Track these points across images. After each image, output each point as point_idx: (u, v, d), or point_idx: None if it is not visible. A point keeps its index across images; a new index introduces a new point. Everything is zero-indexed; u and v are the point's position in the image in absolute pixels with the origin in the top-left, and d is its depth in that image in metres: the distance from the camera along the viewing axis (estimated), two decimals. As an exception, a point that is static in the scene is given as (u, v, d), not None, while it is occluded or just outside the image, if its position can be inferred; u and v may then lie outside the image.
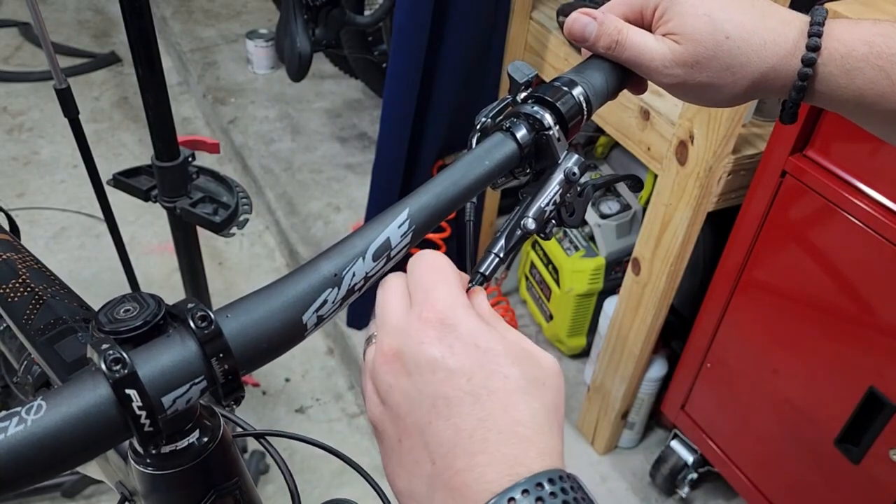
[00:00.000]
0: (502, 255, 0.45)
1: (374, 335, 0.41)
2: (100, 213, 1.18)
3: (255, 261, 2.18)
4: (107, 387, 0.32)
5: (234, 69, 2.80)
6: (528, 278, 1.86)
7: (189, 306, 0.35)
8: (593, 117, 0.55)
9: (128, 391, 0.32)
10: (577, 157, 0.47)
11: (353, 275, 0.39)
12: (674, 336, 1.54)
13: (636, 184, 0.60)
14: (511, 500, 0.32)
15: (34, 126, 2.60)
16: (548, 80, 0.51)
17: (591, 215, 1.64)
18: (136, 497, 0.45)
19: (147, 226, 2.22)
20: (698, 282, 1.41)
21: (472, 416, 0.34)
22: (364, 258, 0.39)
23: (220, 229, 1.15)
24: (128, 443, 0.42)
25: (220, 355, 0.34)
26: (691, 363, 1.42)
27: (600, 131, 1.75)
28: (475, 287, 0.42)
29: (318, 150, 2.44)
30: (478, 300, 0.41)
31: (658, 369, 1.53)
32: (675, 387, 1.49)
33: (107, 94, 2.78)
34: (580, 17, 0.53)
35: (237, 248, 2.21)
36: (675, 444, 1.52)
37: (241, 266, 2.16)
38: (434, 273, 0.39)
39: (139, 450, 0.40)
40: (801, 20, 0.50)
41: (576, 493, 0.32)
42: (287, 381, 1.84)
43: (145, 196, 1.18)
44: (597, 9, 0.54)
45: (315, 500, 1.55)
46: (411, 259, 0.41)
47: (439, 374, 0.35)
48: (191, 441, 0.41)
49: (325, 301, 0.38)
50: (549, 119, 0.47)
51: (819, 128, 1.08)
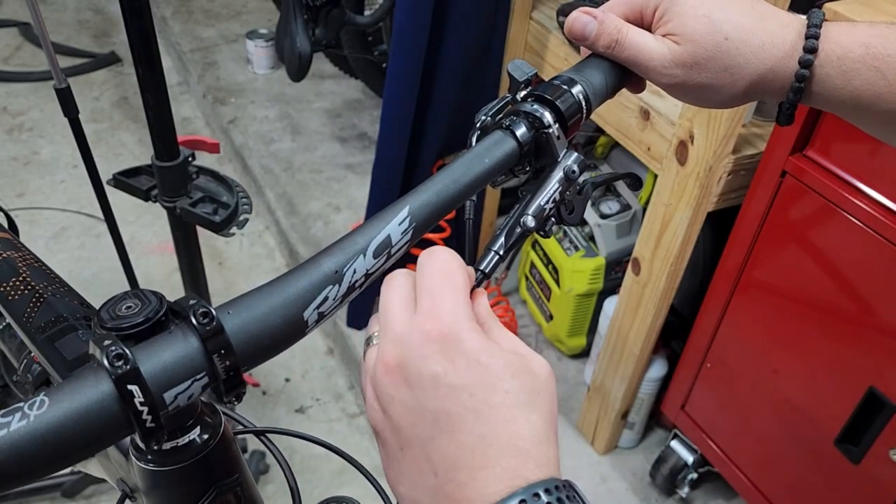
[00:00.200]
0: (502, 252, 0.45)
1: (375, 335, 0.40)
2: (100, 213, 1.18)
3: (255, 261, 2.18)
4: (109, 382, 0.32)
5: (234, 69, 2.80)
6: (528, 278, 1.86)
7: (191, 303, 0.35)
8: (593, 117, 0.55)
9: (130, 387, 0.32)
10: (576, 155, 0.48)
11: (354, 272, 0.39)
12: (674, 336, 1.54)
13: (635, 182, 0.60)
14: None
15: (34, 126, 2.60)
16: (547, 79, 0.52)
17: (591, 215, 1.64)
18: (136, 494, 0.45)
19: (147, 226, 2.22)
20: (698, 282, 1.41)
21: (473, 432, 0.35)
22: (365, 255, 0.39)
23: (220, 229, 1.15)
24: (129, 439, 0.42)
25: (222, 351, 0.34)
26: (691, 363, 1.42)
27: (600, 131, 1.75)
28: (477, 290, 0.42)
29: (318, 150, 2.44)
30: (478, 301, 0.41)
31: (658, 369, 1.53)
32: (675, 387, 1.49)
33: (107, 94, 2.79)
34: (580, 16, 0.54)
35: (237, 248, 2.21)
36: (675, 444, 1.52)
37: (241, 266, 2.16)
38: (442, 278, 0.39)
39: (141, 446, 0.40)
40: (798, 22, 0.51)
41: (572, 501, 0.34)
42: (287, 381, 1.84)
43: (145, 196, 1.18)
44: (597, 8, 0.54)
45: (315, 499, 1.55)
46: (422, 256, 0.40)
47: (441, 390, 0.35)
48: (192, 437, 0.41)
49: (325, 298, 0.38)
50: (548, 117, 0.47)
51: (819, 128, 1.08)
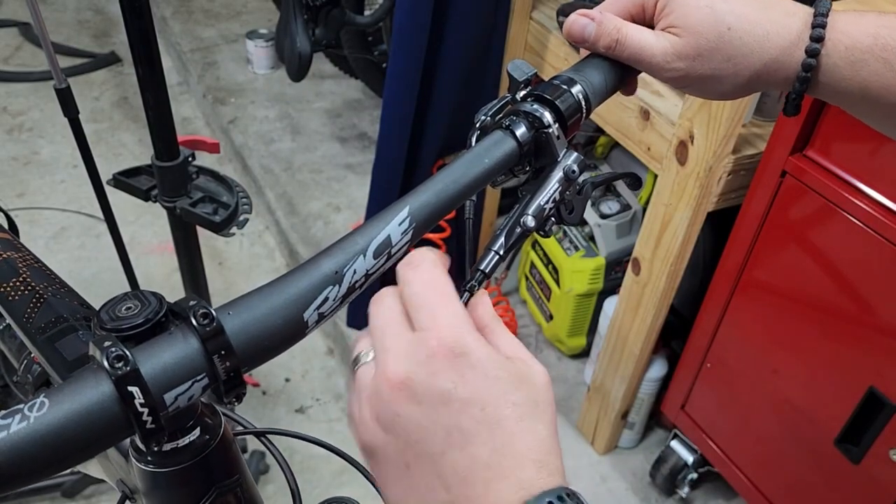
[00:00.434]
0: (502, 252, 0.45)
1: (364, 354, 0.40)
2: (100, 213, 1.18)
3: (255, 261, 2.18)
4: (109, 384, 0.32)
5: (234, 69, 2.80)
6: (528, 278, 1.86)
7: (191, 304, 0.35)
8: (593, 117, 0.55)
9: (130, 388, 0.32)
10: (576, 154, 0.48)
11: (354, 272, 0.39)
12: (674, 336, 1.54)
13: (635, 182, 0.60)
14: None
15: (34, 126, 2.60)
16: (547, 79, 0.52)
17: (591, 215, 1.64)
18: (136, 495, 0.45)
19: (147, 226, 2.22)
20: (698, 282, 1.41)
21: (487, 445, 0.35)
22: (365, 256, 0.39)
23: (220, 229, 1.15)
24: (129, 440, 0.42)
25: (222, 352, 0.34)
26: (691, 363, 1.42)
27: (600, 131, 1.75)
28: (479, 291, 0.42)
29: (318, 150, 2.44)
30: (481, 303, 0.41)
31: (658, 369, 1.53)
32: (675, 387, 1.49)
33: (107, 94, 2.78)
34: (579, 19, 0.53)
35: (237, 248, 2.21)
36: (675, 444, 1.52)
37: (241, 266, 2.16)
38: (432, 291, 0.38)
39: (141, 447, 0.40)
40: (805, 11, 0.50)
41: None
42: (287, 381, 1.84)
43: (145, 196, 1.18)
44: (594, 9, 0.54)
45: (315, 499, 1.55)
46: (401, 270, 0.39)
47: (453, 406, 0.35)
48: (192, 439, 0.41)
49: (325, 298, 0.38)
50: (548, 117, 0.47)
51: (819, 128, 1.08)
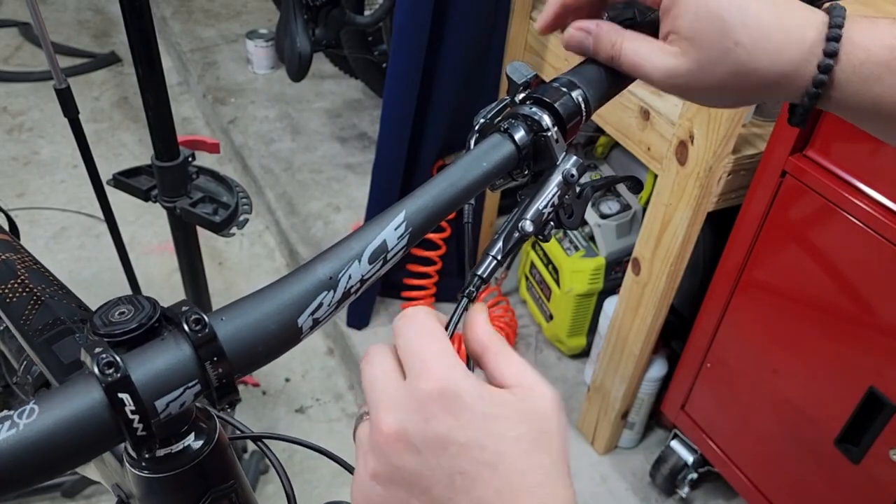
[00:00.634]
0: (500, 257, 0.44)
1: (366, 412, 0.38)
2: (100, 213, 1.18)
3: (255, 261, 2.18)
4: (99, 391, 0.32)
5: (234, 69, 2.80)
6: (528, 278, 1.86)
7: (183, 309, 0.34)
8: (593, 117, 0.54)
9: (120, 395, 0.32)
10: (575, 158, 0.47)
11: (349, 278, 0.39)
12: (674, 336, 1.54)
13: (636, 185, 0.59)
14: None
15: (34, 126, 2.60)
16: (548, 80, 0.51)
17: (591, 215, 1.64)
18: (132, 499, 0.45)
19: (147, 226, 2.22)
20: (698, 282, 1.41)
21: (491, 486, 0.34)
22: (360, 261, 0.39)
23: (220, 229, 1.15)
24: (123, 445, 0.42)
25: (215, 359, 0.34)
26: (691, 363, 1.42)
27: (600, 131, 1.74)
28: (475, 306, 0.41)
29: (318, 150, 2.43)
30: (478, 322, 0.39)
31: (658, 369, 1.53)
32: (675, 387, 1.49)
33: (107, 94, 2.78)
34: (576, 34, 0.52)
35: (237, 248, 2.21)
36: (675, 444, 1.52)
37: (241, 266, 2.16)
38: (423, 336, 0.37)
39: (132, 454, 0.40)
40: (819, 20, 0.46)
41: None
42: (287, 381, 1.84)
43: (145, 196, 1.18)
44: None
45: (315, 500, 1.55)
46: (395, 324, 0.39)
47: (452, 449, 0.34)
48: (186, 444, 0.40)
49: (320, 304, 0.38)
50: (547, 120, 0.47)
51: (819, 128, 1.08)
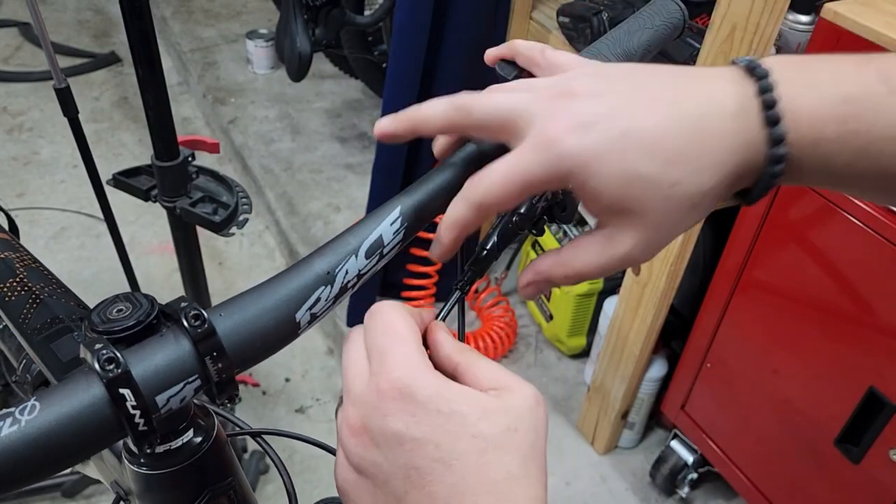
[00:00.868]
0: (494, 251, 0.45)
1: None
2: (100, 213, 1.18)
3: (255, 261, 2.18)
4: (100, 386, 0.32)
5: (234, 69, 2.80)
6: (528, 278, 1.86)
7: (182, 305, 0.34)
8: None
9: (121, 390, 0.32)
10: None
11: (346, 272, 0.39)
12: (674, 336, 1.54)
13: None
14: None
15: (34, 126, 2.60)
16: None
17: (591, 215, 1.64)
18: (131, 496, 0.45)
19: (147, 226, 2.22)
20: (698, 282, 1.41)
21: (444, 482, 0.34)
22: (357, 256, 0.39)
23: (220, 229, 1.15)
24: (121, 442, 0.42)
25: (214, 354, 0.34)
26: (691, 363, 1.42)
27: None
28: (434, 324, 0.41)
29: (318, 150, 2.44)
30: (441, 343, 0.40)
31: (658, 369, 1.53)
32: (675, 387, 1.49)
33: (107, 94, 2.78)
34: (528, 290, 0.45)
35: (237, 248, 2.21)
36: (675, 444, 1.52)
37: (241, 266, 2.16)
38: (386, 335, 0.38)
39: (134, 449, 0.40)
40: (743, 93, 0.38)
41: None
42: (287, 381, 1.84)
43: (145, 196, 1.18)
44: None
45: (315, 499, 1.55)
46: (366, 317, 0.40)
47: (407, 445, 0.35)
48: (185, 440, 0.40)
49: (318, 299, 0.38)
50: None
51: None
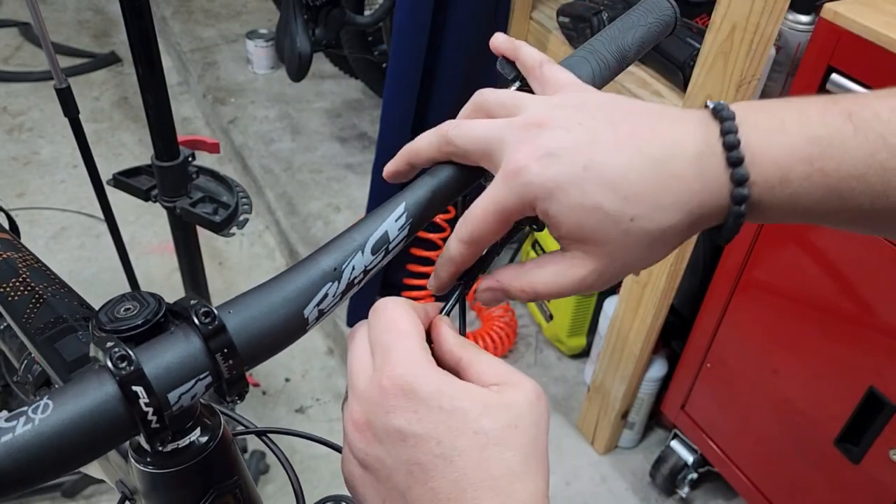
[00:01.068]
0: (495, 249, 0.46)
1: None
2: (100, 213, 1.18)
3: (255, 261, 2.18)
4: (113, 384, 0.32)
5: (234, 69, 2.80)
6: (527, 278, 1.86)
7: (192, 303, 0.35)
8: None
9: (134, 388, 0.32)
10: None
11: (353, 268, 0.39)
12: (674, 336, 1.54)
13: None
14: None
15: (34, 126, 2.60)
16: None
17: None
18: (136, 496, 0.45)
19: (147, 226, 2.22)
20: (698, 282, 1.41)
21: (446, 478, 0.35)
22: (363, 252, 0.40)
23: (220, 229, 1.15)
24: (128, 441, 0.42)
25: (225, 351, 0.34)
26: (691, 363, 1.42)
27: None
28: (438, 319, 0.41)
29: (318, 150, 2.44)
30: (444, 339, 0.40)
31: (658, 369, 1.53)
32: (675, 387, 1.49)
33: (107, 94, 2.78)
34: (485, 296, 0.45)
35: (237, 248, 2.21)
36: (675, 444, 1.52)
37: (241, 266, 2.16)
38: (389, 331, 0.38)
39: (145, 447, 0.40)
40: (706, 135, 0.39)
41: None
42: (287, 381, 1.84)
43: (145, 196, 1.18)
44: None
45: (315, 499, 1.55)
46: (370, 313, 0.40)
47: (409, 442, 0.35)
48: (192, 439, 0.40)
49: (325, 295, 0.38)
50: None
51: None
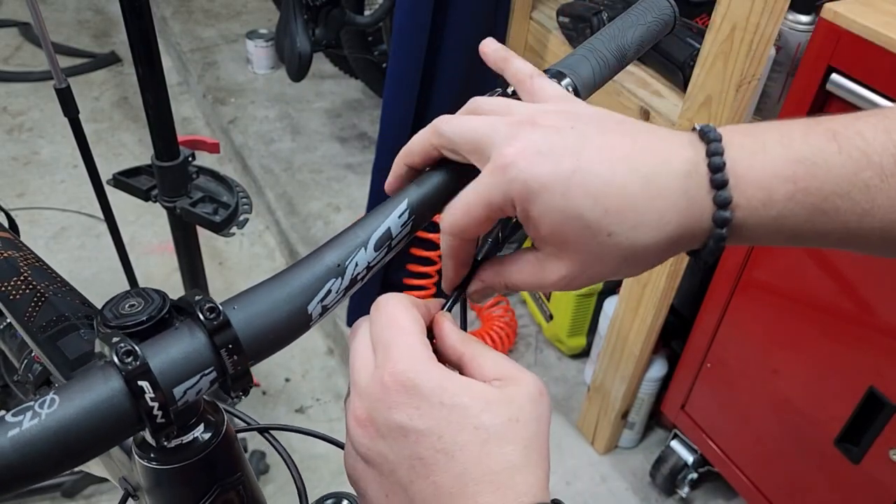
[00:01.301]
0: (496, 248, 0.46)
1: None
2: (100, 213, 1.18)
3: (255, 261, 2.18)
4: (119, 379, 0.32)
5: (234, 69, 2.80)
6: (527, 278, 1.86)
7: (196, 298, 0.35)
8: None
9: (140, 383, 0.32)
10: None
11: (356, 265, 0.40)
12: (674, 336, 1.54)
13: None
14: None
15: (34, 126, 2.60)
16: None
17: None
18: (139, 492, 0.45)
19: (147, 226, 2.22)
20: (698, 282, 1.41)
21: (447, 472, 0.35)
22: (366, 248, 0.40)
23: (220, 229, 1.15)
24: (131, 438, 0.42)
25: (229, 346, 0.34)
26: (691, 363, 1.42)
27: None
28: (440, 315, 0.42)
29: (318, 150, 2.44)
30: (446, 334, 0.41)
31: (658, 369, 1.53)
32: (675, 387, 1.49)
33: (107, 94, 2.78)
34: (476, 293, 0.46)
35: (237, 248, 2.21)
36: (675, 443, 1.52)
37: (241, 266, 2.16)
38: (390, 327, 0.39)
39: (149, 442, 0.40)
40: (692, 157, 0.38)
41: None
42: (287, 380, 1.84)
43: (145, 196, 1.18)
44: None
45: (315, 498, 1.55)
46: (371, 309, 0.40)
47: (411, 437, 0.36)
48: (195, 436, 0.41)
49: (329, 291, 0.38)
50: None
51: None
